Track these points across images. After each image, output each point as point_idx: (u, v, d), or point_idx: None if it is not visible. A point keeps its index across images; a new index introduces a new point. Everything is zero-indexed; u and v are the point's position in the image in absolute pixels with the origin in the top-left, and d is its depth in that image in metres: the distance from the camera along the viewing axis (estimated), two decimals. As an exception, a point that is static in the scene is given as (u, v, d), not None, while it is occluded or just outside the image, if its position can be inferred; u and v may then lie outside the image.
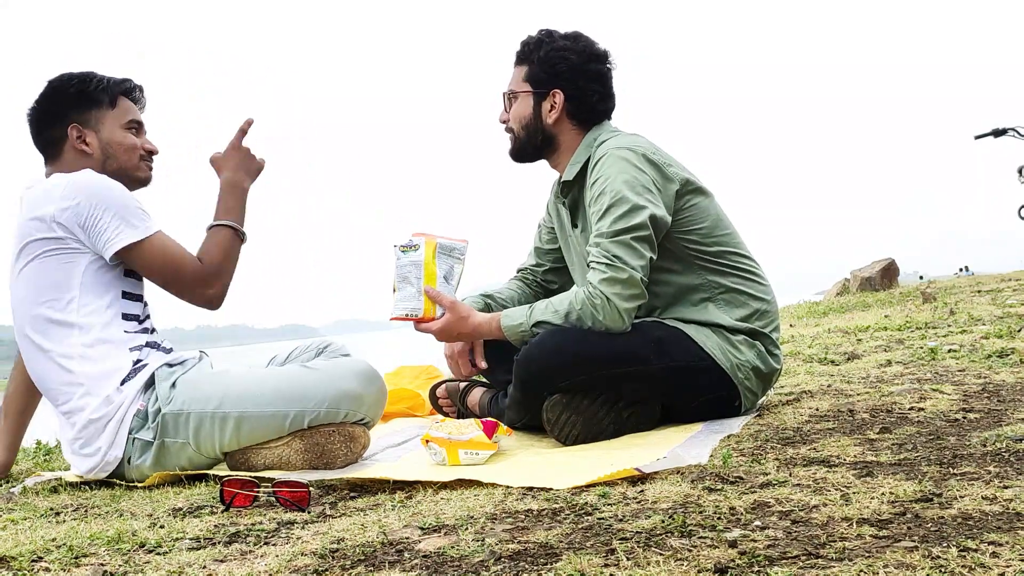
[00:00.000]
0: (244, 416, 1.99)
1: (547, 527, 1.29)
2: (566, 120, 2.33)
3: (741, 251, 2.28)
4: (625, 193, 2.11)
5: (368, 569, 1.14)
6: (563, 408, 2.08)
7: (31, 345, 2.06)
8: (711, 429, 2.07)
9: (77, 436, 2.00)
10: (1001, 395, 2.22)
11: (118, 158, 2.17)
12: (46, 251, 2.02)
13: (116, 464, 1.99)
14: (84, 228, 2.00)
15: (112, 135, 2.16)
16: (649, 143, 2.25)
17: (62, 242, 2.01)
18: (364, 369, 2.10)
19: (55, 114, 2.15)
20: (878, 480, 1.43)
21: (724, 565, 1.04)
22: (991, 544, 1.04)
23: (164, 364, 2.06)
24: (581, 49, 2.32)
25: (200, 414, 1.98)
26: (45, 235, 2.02)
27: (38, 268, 2.03)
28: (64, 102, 2.15)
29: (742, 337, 2.21)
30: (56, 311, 2.02)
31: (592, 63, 2.33)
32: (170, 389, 2.00)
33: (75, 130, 2.13)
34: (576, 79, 2.31)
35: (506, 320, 2.19)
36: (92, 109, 2.15)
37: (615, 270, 2.06)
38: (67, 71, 2.20)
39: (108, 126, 2.16)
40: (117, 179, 2.14)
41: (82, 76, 2.17)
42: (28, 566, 1.28)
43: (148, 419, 1.99)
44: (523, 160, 2.43)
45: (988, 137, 7.85)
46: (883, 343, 3.82)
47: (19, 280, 2.07)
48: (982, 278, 10.01)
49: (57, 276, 2.02)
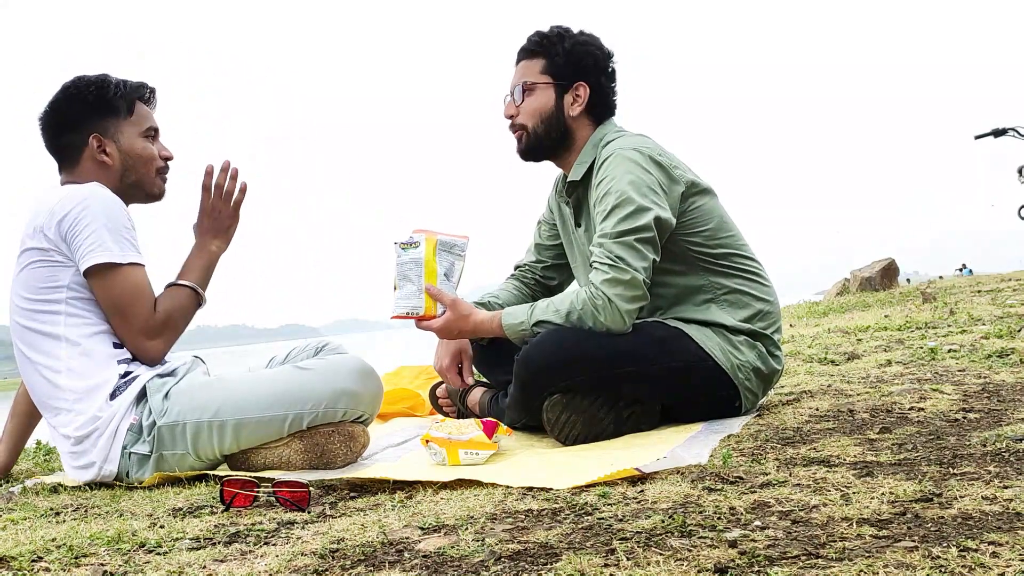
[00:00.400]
0: (242, 422, 1.98)
1: (547, 527, 1.29)
2: (584, 115, 2.33)
3: (744, 252, 2.28)
4: (630, 194, 2.10)
5: (368, 569, 1.14)
6: (563, 408, 2.08)
7: (21, 355, 2.05)
8: (711, 429, 2.07)
9: (71, 450, 1.99)
10: (1001, 395, 2.22)
11: (137, 170, 2.13)
12: (34, 261, 2.01)
13: (112, 478, 1.98)
14: (67, 239, 1.98)
15: (132, 145, 2.12)
16: (655, 144, 2.25)
17: (46, 253, 1.99)
18: (359, 366, 2.09)
19: (72, 122, 2.10)
20: (878, 480, 1.43)
21: (724, 565, 1.04)
22: (991, 544, 1.04)
23: (155, 375, 2.03)
24: (600, 45, 2.34)
25: (197, 423, 1.97)
26: (36, 245, 2.00)
27: (27, 278, 2.02)
28: (82, 109, 2.10)
29: (743, 338, 2.21)
30: (42, 323, 2.01)
31: (610, 60, 2.36)
32: (163, 401, 1.98)
33: (96, 140, 2.09)
34: (600, 74, 2.32)
35: (507, 319, 2.18)
36: (111, 117, 2.11)
37: (618, 271, 2.05)
38: (81, 75, 2.15)
39: (127, 135, 2.12)
40: (132, 192, 2.12)
41: (99, 81, 2.12)
42: (28, 566, 1.28)
43: (143, 432, 1.97)
44: (533, 158, 2.37)
45: (988, 137, 7.86)
46: (883, 343, 3.82)
47: (13, 286, 2.05)
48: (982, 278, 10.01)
49: (44, 288, 2.00)
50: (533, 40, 2.33)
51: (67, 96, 2.12)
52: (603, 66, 2.33)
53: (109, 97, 2.11)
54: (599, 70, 2.32)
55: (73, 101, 2.11)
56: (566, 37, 2.31)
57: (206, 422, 1.97)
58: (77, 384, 1.98)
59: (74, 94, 2.12)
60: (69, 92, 2.12)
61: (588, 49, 2.31)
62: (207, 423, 1.97)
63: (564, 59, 2.29)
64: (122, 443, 1.96)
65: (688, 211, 2.20)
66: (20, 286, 2.03)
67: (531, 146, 2.34)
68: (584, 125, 2.33)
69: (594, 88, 2.31)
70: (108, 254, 1.97)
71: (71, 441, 1.98)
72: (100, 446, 1.96)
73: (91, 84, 2.12)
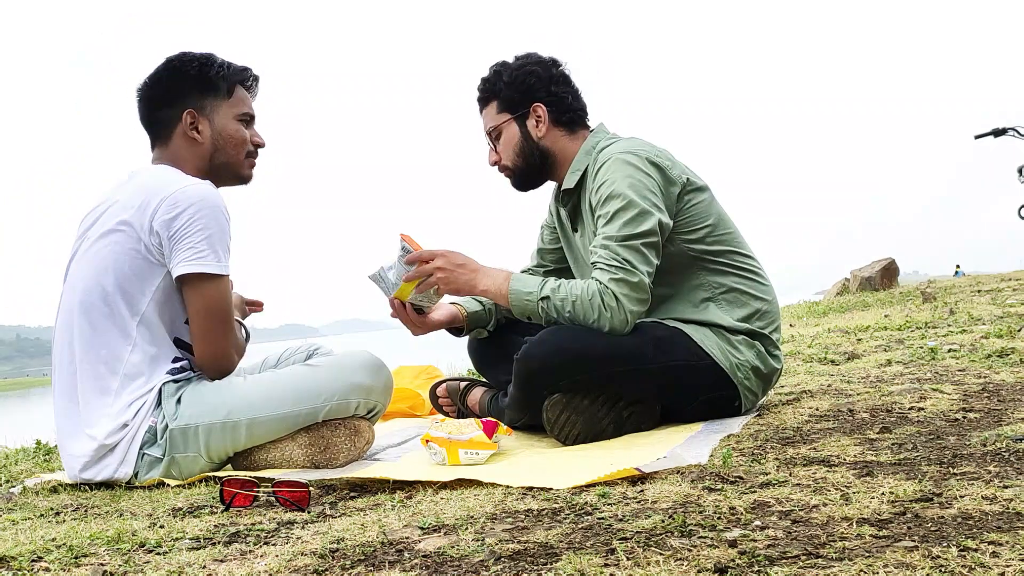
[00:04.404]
0: (255, 421, 1.97)
1: (547, 527, 1.29)
2: (554, 129, 2.34)
3: (743, 250, 2.28)
4: (632, 198, 2.11)
5: (368, 569, 1.14)
6: (563, 408, 2.08)
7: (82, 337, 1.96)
8: (711, 429, 2.07)
9: (91, 452, 1.94)
10: (1001, 395, 2.22)
11: (227, 151, 2.11)
12: (131, 249, 1.94)
13: (127, 480, 1.96)
14: (172, 238, 1.92)
15: (225, 126, 2.11)
16: (651, 145, 2.25)
17: (138, 242, 1.94)
18: (369, 360, 2.10)
19: (170, 96, 2.07)
20: (878, 480, 1.43)
21: (724, 565, 1.04)
22: (991, 544, 1.04)
23: (170, 380, 1.99)
24: (537, 60, 2.36)
25: (209, 426, 1.95)
26: (136, 228, 1.94)
27: (118, 260, 1.95)
28: (181, 84, 2.07)
29: (741, 337, 2.21)
30: (120, 317, 1.94)
31: (552, 69, 2.36)
32: (176, 405, 1.96)
33: (189, 115, 2.07)
34: (547, 87, 2.33)
35: (516, 283, 2.15)
36: (209, 95, 2.09)
37: (627, 273, 2.06)
38: (187, 50, 2.11)
39: (222, 115, 2.10)
40: (221, 174, 2.11)
41: (203, 59, 2.10)
42: (28, 566, 1.28)
43: (157, 436, 1.95)
44: (529, 187, 2.42)
45: (988, 137, 7.86)
46: (883, 343, 3.82)
47: (91, 255, 1.98)
48: (982, 278, 10.01)
49: (135, 280, 1.95)
50: (480, 88, 2.39)
51: (169, 70, 2.08)
52: (548, 77, 2.34)
53: (211, 75, 2.09)
54: (546, 83, 2.33)
55: (174, 75, 2.08)
56: (503, 71, 2.35)
57: (219, 423, 1.95)
58: (126, 396, 1.95)
59: (177, 67, 2.08)
60: (172, 66, 2.09)
61: (526, 70, 2.33)
62: (220, 424, 1.95)
63: (510, 91, 2.33)
64: (139, 445, 1.94)
65: (685, 209, 2.21)
66: (106, 262, 1.95)
67: (520, 180, 2.39)
68: (558, 138, 2.35)
69: (548, 102, 2.33)
70: (213, 265, 1.94)
71: (93, 448, 1.93)
72: (118, 451, 1.93)
73: (195, 60, 2.09)
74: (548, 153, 2.35)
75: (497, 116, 2.36)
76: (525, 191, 2.43)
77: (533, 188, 2.43)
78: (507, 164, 2.37)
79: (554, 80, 2.34)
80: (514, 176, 2.39)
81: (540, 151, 2.34)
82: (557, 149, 2.35)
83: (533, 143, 2.34)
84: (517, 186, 2.41)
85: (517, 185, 2.41)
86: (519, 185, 2.41)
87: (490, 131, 2.38)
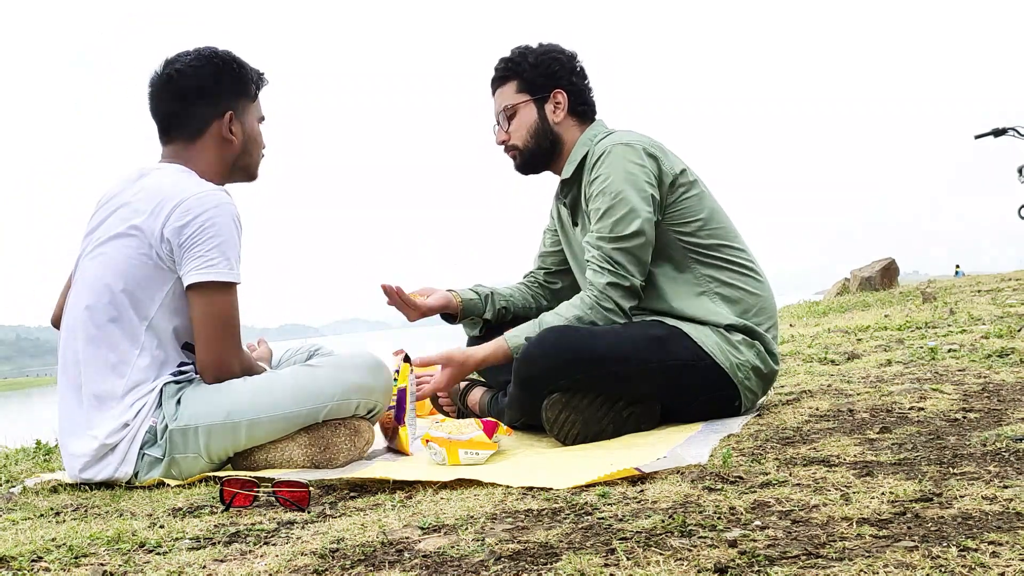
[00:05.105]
0: (255, 422, 1.96)
1: (547, 527, 1.29)
2: (568, 118, 2.40)
3: (736, 244, 2.30)
4: (626, 194, 2.17)
5: (368, 569, 1.14)
6: (563, 407, 2.08)
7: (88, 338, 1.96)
8: (711, 429, 2.07)
9: (92, 452, 1.94)
10: (1001, 395, 2.22)
11: (252, 153, 2.13)
12: (142, 254, 1.93)
13: (127, 480, 1.96)
14: (184, 245, 1.91)
15: (253, 128, 2.13)
16: (647, 137, 2.30)
17: (148, 247, 1.93)
18: (370, 360, 2.11)
19: (212, 92, 2.05)
20: (878, 480, 1.43)
21: (724, 565, 1.04)
22: (991, 544, 1.04)
23: (171, 381, 1.99)
24: (562, 50, 2.42)
25: (209, 426, 1.95)
26: (146, 233, 1.93)
27: (126, 264, 1.94)
28: (225, 83, 2.06)
29: (741, 337, 2.21)
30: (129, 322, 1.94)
31: (575, 61, 2.43)
32: (176, 406, 1.96)
33: (231, 116, 2.07)
34: (570, 75, 2.40)
35: (513, 340, 2.21)
36: (243, 97, 2.10)
37: (618, 276, 2.16)
38: (214, 48, 2.09)
39: (250, 117, 2.12)
40: (236, 173, 2.12)
41: (238, 60, 2.09)
42: (28, 566, 1.28)
43: (157, 436, 1.95)
44: (531, 171, 2.47)
45: (988, 137, 7.86)
46: (883, 343, 3.82)
47: (98, 257, 1.97)
48: (982, 278, 10.01)
49: (144, 286, 1.94)
50: (500, 67, 2.43)
51: (211, 65, 2.06)
52: (571, 67, 2.41)
53: (247, 78, 2.10)
54: (568, 72, 2.40)
55: (217, 72, 2.06)
56: (528, 53, 2.40)
57: (219, 424, 1.95)
58: (130, 397, 1.94)
59: (218, 65, 2.06)
60: (213, 62, 2.06)
61: (553, 56, 2.40)
62: (220, 424, 1.95)
63: (533, 74, 2.38)
64: (140, 445, 1.94)
65: (677, 201, 2.24)
66: (116, 266, 1.95)
67: (526, 161, 2.43)
68: (570, 127, 2.41)
69: (570, 90, 2.40)
70: (225, 272, 1.93)
71: (94, 447, 1.93)
72: (119, 451, 1.93)
73: (233, 61, 2.08)
74: (559, 140, 2.40)
75: (516, 95, 2.40)
76: (526, 175, 2.48)
77: (535, 172, 2.48)
78: (516, 144, 2.42)
79: (575, 71, 2.42)
80: (521, 156, 2.43)
81: (552, 136, 2.40)
82: (567, 138, 2.40)
83: (548, 127, 2.39)
84: (520, 168, 2.46)
85: (520, 167, 2.45)
86: (522, 167, 2.45)
87: (505, 109, 2.41)
